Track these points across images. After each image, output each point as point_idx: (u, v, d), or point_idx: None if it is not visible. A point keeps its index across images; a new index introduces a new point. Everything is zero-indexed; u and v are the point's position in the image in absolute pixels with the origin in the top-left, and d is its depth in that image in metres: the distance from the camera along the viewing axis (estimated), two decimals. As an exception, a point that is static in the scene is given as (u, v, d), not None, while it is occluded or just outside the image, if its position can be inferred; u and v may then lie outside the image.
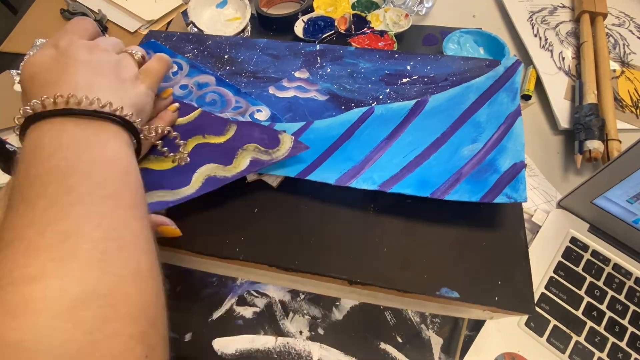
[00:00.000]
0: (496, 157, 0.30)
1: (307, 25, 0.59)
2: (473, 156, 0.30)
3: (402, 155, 0.31)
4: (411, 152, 0.31)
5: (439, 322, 0.36)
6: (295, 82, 0.37)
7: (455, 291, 0.27)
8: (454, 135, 0.32)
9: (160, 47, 0.41)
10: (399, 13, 0.59)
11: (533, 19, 0.62)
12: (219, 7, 0.64)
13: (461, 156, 0.30)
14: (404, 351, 0.34)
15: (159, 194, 0.30)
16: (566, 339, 0.34)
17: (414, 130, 0.32)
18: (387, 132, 0.32)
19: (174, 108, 0.33)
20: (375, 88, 0.36)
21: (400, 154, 0.31)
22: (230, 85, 0.37)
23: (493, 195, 0.28)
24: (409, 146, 0.31)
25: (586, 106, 0.47)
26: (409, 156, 0.31)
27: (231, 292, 0.38)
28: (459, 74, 0.36)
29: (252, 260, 0.29)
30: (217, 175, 0.30)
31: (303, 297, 0.37)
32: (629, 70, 0.54)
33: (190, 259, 0.32)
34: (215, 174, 0.30)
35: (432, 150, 0.31)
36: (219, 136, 0.32)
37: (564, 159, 0.47)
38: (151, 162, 0.31)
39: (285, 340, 0.35)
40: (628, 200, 0.35)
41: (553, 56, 0.56)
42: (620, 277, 0.37)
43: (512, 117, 0.32)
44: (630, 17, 0.61)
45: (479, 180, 0.29)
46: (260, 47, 0.41)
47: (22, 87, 0.24)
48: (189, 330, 0.36)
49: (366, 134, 0.32)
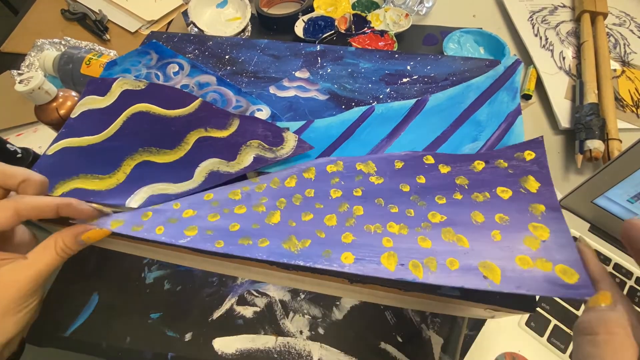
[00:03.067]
0: (496, 156, 0.30)
1: (307, 25, 0.59)
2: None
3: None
4: (411, 150, 0.31)
5: (439, 322, 0.35)
6: (296, 81, 0.37)
7: (456, 290, 0.27)
8: (455, 134, 0.32)
9: (162, 48, 0.41)
10: (399, 13, 0.59)
11: (533, 18, 0.62)
12: (219, 7, 0.64)
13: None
14: (404, 351, 0.34)
15: (161, 187, 0.30)
16: (567, 338, 0.34)
17: (415, 129, 0.32)
18: (387, 130, 0.32)
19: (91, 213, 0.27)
20: (376, 88, 0.36)
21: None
22: (231, 85, 0.37)
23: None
24: (409, 145, 0.32)
25: (587, 106, 0.47)
26: (409, 155, 0.31)
27: (231, 291, 0.38)
28: (459, 73, 0.36)
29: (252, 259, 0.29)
30: (220, 170, 0.30)
31: (303, 297, 0.37)
32: (629, 69, 0.54)
33: (190, 258, 0.32)
34: (218, 169, 0.30)
35: (432, 148, 0.31)
36: (222, 130, 0.32)
37: (565, 159, 0.47)
38: (153, 155, 0.32)
39: (285, 340, 0.35)
40: (629, 200, 0.35)
41: (553, 56, 0.56)
42: (621, 277, 0.37)
43: (512, 116, 0.32)
44: (630, 17, 0.61)
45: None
46: (261, 47, 0.41)
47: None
48: (189, 330, 0.36)
49: (366, 132, 0.33)
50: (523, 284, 0.22)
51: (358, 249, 0.24)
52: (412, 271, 0.23)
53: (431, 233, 0.25)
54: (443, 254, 0.24)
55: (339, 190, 0.28)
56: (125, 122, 0.34)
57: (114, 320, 0.37)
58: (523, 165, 0.28)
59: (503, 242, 0.24)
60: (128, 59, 0.40)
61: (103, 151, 0.32)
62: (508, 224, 0.25)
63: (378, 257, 0.24)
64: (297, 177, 0.29)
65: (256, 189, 0.29)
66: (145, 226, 0.27)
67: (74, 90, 0.42)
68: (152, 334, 0.36)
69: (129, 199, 0.29)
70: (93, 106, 0.36)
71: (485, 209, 0.26)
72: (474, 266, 0.23)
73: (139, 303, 0.37)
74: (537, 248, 0.23)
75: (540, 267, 0.22)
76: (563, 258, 0.23)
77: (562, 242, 0.23)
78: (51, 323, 0.37)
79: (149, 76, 0.39)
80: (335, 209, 0.27)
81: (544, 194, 0.26)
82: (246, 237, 0.26)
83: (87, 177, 0.31)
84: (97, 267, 0.40)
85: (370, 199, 0.27)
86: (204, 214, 0.27)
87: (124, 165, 0.31)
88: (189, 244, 0.25)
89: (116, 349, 0.35)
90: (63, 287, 0.39)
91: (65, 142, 0.33)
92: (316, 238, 0.25)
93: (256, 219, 0.27)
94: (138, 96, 0.35)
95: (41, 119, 0.40)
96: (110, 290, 0.38)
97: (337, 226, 0.26)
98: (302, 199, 0.28)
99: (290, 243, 0.25)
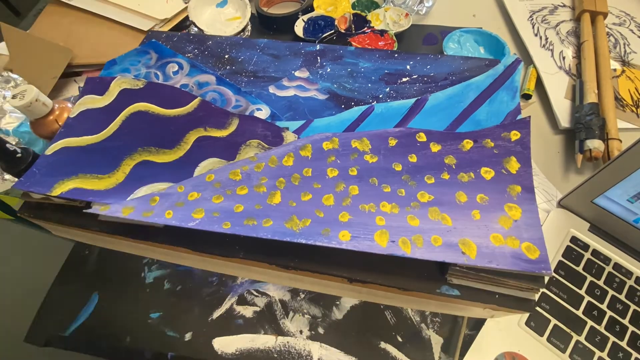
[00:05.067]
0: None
1: (307, 25, 0.59)
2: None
3: (402, 154, 0.31)
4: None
5: (439, 322, 0.35)
6: (296, 81, 0.37)
7: (456, 289, 0.27)
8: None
9: (161, 47, 0.41)
10: (399, 12, 0.59)
11: (533, 18, 0.62)
12: (219, 7, 0.64)
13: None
14: (404, 350, 0.34)
15: (161, 187, 0.30)
16: (566, 338, 0.34)
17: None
18: (387, 130, 0.32)
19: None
20: (375, 87, 0.36)
21: (400, 152, 0.31)
22: (231, 84, 0.37)
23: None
24: (408, 145, 0.31)
25: (587, 105, 0.46)
26: (409, 155, 0.31)
27: (231, 291, 0.38)
28: (459, 73, 0.36)
29: (252, 258, 0.29)
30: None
31: (303, 297, 0.37)
32: (629, 69, 0.54)
33: (190, 257, 0.32)
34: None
35: (432, 149, 0.31)
36: (221, 130, 0.32)
37: (565, 159, 0.47)
38: (152, 155, 0.32)
39: (285, 340, 0.35)
40: (628, 200, 0.35)
41: (553, 55, 0.56)
42: (620, 277, 0.37)
43: (512, 115, 0.32)
44: (630, 16, 0.61)
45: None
46: (261, 47, 0.41)
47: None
48: (189, 330, 0.36)
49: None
50: (494, 259, 0.24)
51: (354, 227, 0.26)
52: (402, 247, 0.25)
53: (419, 212, 0.27)
54: (429, 232, 0.26)
55: (335, 169, 0.30)
56: (124, 122, 0.34)
57: (114, 320, 0.37)
58: (508, 145, 0.30)
59: (481, 221, 0.26)
60: (127, 59, 0.40)
61: (102, 151, 0.32)
62: (487, 204, 0.27)
63: (372, 234, 0.26)
64: (294, 156, 0.30)
65: (255, 168, 0.30)
66: (155, 211, 0.28)
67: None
68: (152, 333, 0.36)
69: (128, 199, 0.29)
70: (91, 105, 0.36)
71: (469, 190, 0.28)
72: (454, 243, 0.25)
73: (139, 303, 0.37)
74: (509, 227, 0.26)
75: (509, 245, 0.25)
76: (529, 236, 0.26)
77: (531, 222, 0.26)
78: (51, 323, 0.37)
79: (148, 75, 0.39)
80: (332, 188, 0.29)
81: (522, 175, 0.28)
82: (251, 218, 0.27)
83: (87, 176, 0.31)
84: (97, 266, 0.40)
85: (365, 178, 0.29)
86: (208, 195, 0.29)
87: (123, 165, 0.31)
88: (198, 226, 0.27)
89: (116, 348, 0.35)
90: (63, 287, 0.39)
91: (64, 142, 0.33)
92: (316, 217, 0.27)
93: (258, 200, 0.28)
94: (137, 95, 0.35)
95: (39, 133, 0.37)
96: (110, 290, 0.38)
97: (335, 206, 0.28)
98: (301, 179, 0.29)
99: (292, 222, 0.27)
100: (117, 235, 0.31)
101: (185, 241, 0.29)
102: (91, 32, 0.58)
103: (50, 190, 0.30)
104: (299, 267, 0.28)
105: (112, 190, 0.30)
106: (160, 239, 0.30)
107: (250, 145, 0.31)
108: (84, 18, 0.60)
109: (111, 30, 0.58)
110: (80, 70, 0.55)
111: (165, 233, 0.30)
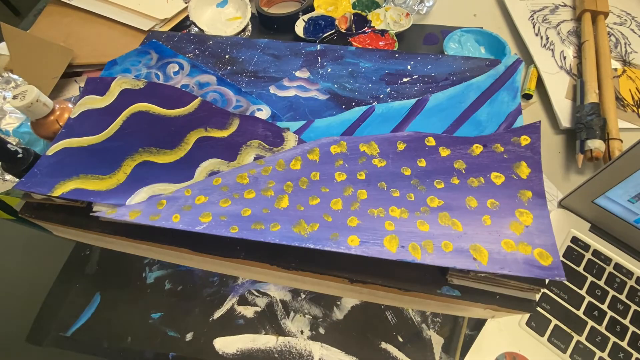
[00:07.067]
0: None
1: (307, 25, 0.59)
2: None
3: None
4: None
5: (439, 322, 0.35)
6: (296, 81, 0.37)
7: (456, 290, 0.27)
8: (455, 133, 0.32)
9: (162, 47, 0.41)
10: (399, 12, 0.59)
11: (534, 17, 0.61)
12: (219, 7, 0.64)
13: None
14: (404, 351, 0.34)
15: (162, 187, 0.30)
16: (567, 338, 0.34)
17: (415, 128, 0.32)
18: (387, 130, 0.32)
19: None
20: (376, 87, 0.36)
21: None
22: (231, 84, 0.37)
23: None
24: (409, 145, 0.31)
25: (587, 105, 0.46)
26: (410, 155, 0.31)
27: (232, 291, 0.38)
28: (460, 73, 0.36)
29: (253, 259, 0.29)
30: (220, 171, 0.30)
31: (304, 297, 0.37)
32: (630, 69, 0.54)
33: (191, 258, 0.32)
34: (219, 169, 0.30)
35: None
36: (222, 130, 0.32)
37: (565, 159, 0.47)
38: (153, 156, 0.32)
39: (286, 340, 0.35)
40: (629, 200, 0.35)
41: (554, 55, 0.56)
42: (621, 277, 0.37)
43: (512, 115, 0.32)
44: (631, 16, 0.61)
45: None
46: (261, 47, 0.41)
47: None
48: (190, 330, 0.36)
49: (367, 132, 0.32)
50: (506, 265, 0.24)
51: (363, 232, 0.26)
52: (412, 253, 0.25)
53: (429, 217, 0.27)
54: (439, 237, 0.26)
55: (343, 173, 0.29)
56: (124, 122, 0.34)
57: (115, 320, 0.37)
58: (518, 150, 0.29)
59: (492, 227, 0.26)
60: (128, 59, 0.40)
61: (103, 151, 0.32)
62: (498, 209, 0.27)
63: (381, 239, 0.25)
64: (301, 159, 0.30)
65: (262, 171, 0.30)
66: (162, 215, 0.28)
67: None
68: (153, 333, 0.36)
69: (129, 200, 0.29)
70: (92, 106, 0.36)
71: (479, 195, 0.27)
72: (465, 249, 0.25)
73: (140, 303, 0.37)
74: (520, 233, 0.26)
75: (521, 251, 0.25)
76: (541, 242, 0.25)
77: (542, 228, 0.26)
78: (53, 323, 0.37)
79: (149, 76, 0.39)
80: (341, 193, 0.28)
81: (533, 180, 0.28)
82: (258, 222, 0.27)
83: (88, 177, 0.31)
84: (98, 267, 0.40)
85: (374, 182, 0.29)
86: (216, 199, 0.28)
87: (124, 165, 0.31)
88: (206, 230, 0.26)
89: (117, 348, 0.35)
90: (65, 287, 0.39)
91: (65, 143, 0.33)
92: (324, 222, 0.27)
93: (266, 204, 0.28)
94: (137, 95, 0.35)
95: (40, 134, 0.37)
96: (111, 290, 0.38)
97: (343, 210, 0.27)
98: (309, 183, 0.29)
99: (300, 227, 0.26)
100: (118, 236, 0.31)
101: (186, 242, 0.29)
102: (91, 32, 0.58)
103: (51, 191, 0.30)
104: (300, 268, 0.28)
105: (113, 191, 0.30)
106: (161, 239, 0.30)
107: (251, 145, 0.31)
108: (84, 18, 0.60)
109: (111, 30, 0.58)
110: (81, 70, 0.55)
111: (166, 234, 0.30)
